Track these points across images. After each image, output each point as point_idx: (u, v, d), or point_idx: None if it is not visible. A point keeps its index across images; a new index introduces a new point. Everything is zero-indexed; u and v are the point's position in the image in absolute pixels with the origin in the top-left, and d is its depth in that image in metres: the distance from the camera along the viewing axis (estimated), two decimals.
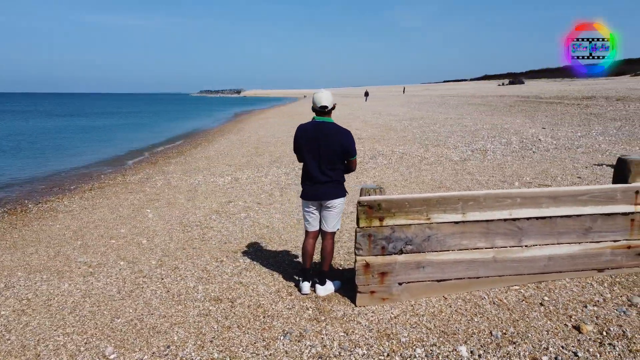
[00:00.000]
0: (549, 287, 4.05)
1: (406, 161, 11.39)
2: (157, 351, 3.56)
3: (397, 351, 3.27)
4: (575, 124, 17.32)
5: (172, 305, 4.34)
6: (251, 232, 6.47)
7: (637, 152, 10.84)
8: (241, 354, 3.43)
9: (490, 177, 8.92)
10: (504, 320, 3.58)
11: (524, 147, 12.69)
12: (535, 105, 27.03)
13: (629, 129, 14.83)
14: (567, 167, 9.32)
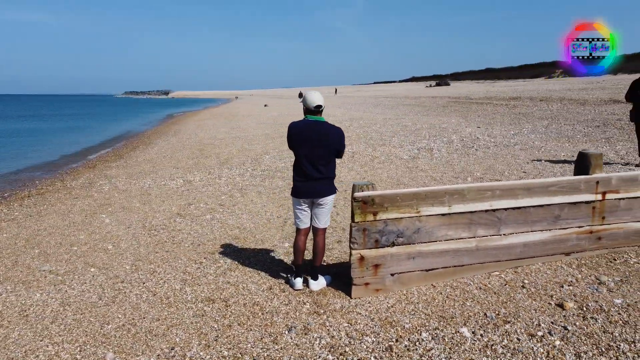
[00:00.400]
0: (525, 271, 4.45)
1: (358, 160, 11.74)
2: (162, 353, 3.55)
3: (404, 336, 3.48)
4: (507, 123, 18.54)
5: (163, 308, 4.30)
6: (223, 233, 6.46)
7: (567, 147, 11.87)
8: (251, 350, 3.50)
9: (442, 173, 9.43)
10: (494, 302, 3.91)
11: (465, 145, 13.45)
12: (467, 105, 28.58)
13: (556, 127, 16.14)
14: (511, 163, 10.06)
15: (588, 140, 12.84)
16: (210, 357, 3.45)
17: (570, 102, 22.80)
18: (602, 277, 4.20)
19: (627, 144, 11.62)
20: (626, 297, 3.83)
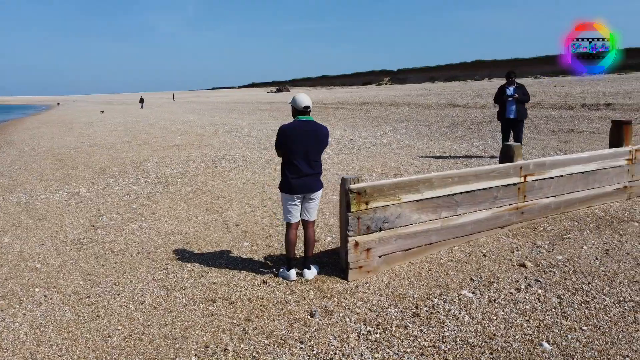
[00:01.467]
0: (477, 244, 5.41)
1: (255, 164, 12.04)
2: (199, 352, 3.61)
3: (420, 304, 4.09)
4: (369, 126, 20.43)
5: (163, 314, 4.25)
6: (167, 240, 6.34)
7: (434, 145, 13.74)
8: (290, 335, 3.75)
9: (345, 171, 10.29)
10: (470, 270, 4.75)
11: (345, 146, 14.60)
12: (323, 110, 30.45)
13: (414, 128, 18.36)
14: (400, 160, 11.37)
15: (447, 139, 14.96)
16: (253, 347, 3.63)
17: (416, 106, 25.92)
18: (537, 241, 5.36)
19: (481, 140, 13.91)
20: (563, 254, 5.00)
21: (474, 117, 19.67)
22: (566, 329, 3.56)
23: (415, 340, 3.56)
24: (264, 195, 8.58)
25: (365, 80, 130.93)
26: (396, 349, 3.46)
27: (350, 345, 3.54)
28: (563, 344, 3.37)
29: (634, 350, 3.26)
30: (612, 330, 3.54)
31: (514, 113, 10.24)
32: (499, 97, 10.48)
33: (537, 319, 3.73)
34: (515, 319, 3.76)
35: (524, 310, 3.88)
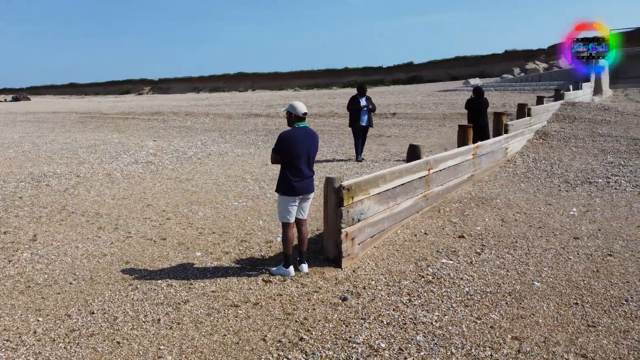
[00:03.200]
0: (409, 226, 6.56)
1: (112, 179, 11.00)
2: (279, 348, 3.80)
3: (422, 272, 4.99)
4: (178, 136, 20.04)
5: (200, 326, 4.18)
6: (95, 264, 5.75)
7: (264, 152, 14.62)
8: (346, 317, 4.21)
9: (227, 176, 10.36)
10: (427, 245, 5.84)
11: (180, 157, 14.31)
12: (108, 120, 28.20)
13: (230, 136, 18.89)
14: (261, 166, 11.91)
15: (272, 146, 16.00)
16: (327, 331, 3.98)
17: (216, 116, 26.34)
18: (451, 219, 6.79)
19: None
20: (477, 225, 6.51)
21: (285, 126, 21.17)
22: (535, 271, 4.95)
23: (444, 296, 4.44)
24: (151, 208, 8.18)
25: (123, 89, 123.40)
26: (439, 303, 4.29)
27: (403, 310, 4.21)
28: (544, 281, 4.72)
29: (564, 266, 4.80)
30: (559, 262, 5.05)
31: (367, 121, 11.89)
32: (353, 106, 11.92)
33: (513, 269, 5.03)
34: (498, 271, 4.99)
35: (498, 265, 5.16)
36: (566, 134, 13.24)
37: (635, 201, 7.51)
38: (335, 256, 5.39)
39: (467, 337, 3.80)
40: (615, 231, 6.12)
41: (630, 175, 9.14)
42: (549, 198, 7.87)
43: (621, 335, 3.77)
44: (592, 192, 8.17)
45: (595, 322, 3.98)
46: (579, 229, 6.25)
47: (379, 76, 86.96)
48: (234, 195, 8.82)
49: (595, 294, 4.46)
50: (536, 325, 3.95)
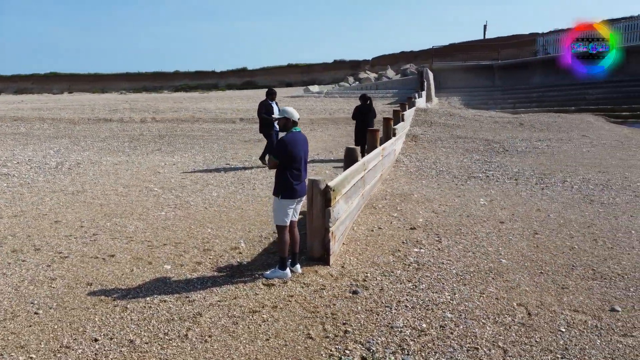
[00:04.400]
0: (360, 223, 7.03)
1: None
2: (329, 341, 3.98)
3: (406, 263, 5.48)
4: (19, 144, 17.65)
5: (235, 335, 4.11)
6: (74, 289, 5.11)
7: (143, 158, 13.81)
8: (370, 307, 4.52)
9: (122, 186, 9.56)
10: (389, 238, 6.37)
11: (41, 166, 12.69)
12: None
13: (87, 144, 17.22)
14: (179, 173, 11.20)
15: (151, 152, 15.08)
16: (363, 323, 4.25)
17: (58, 122, 23.54)
18: (391, 214, 7.45)
19: (195, 151, 14.81)
20: (417, 218, 7.25)
21: (153, 132, 19.84)
22: (494, 252, 5.83)
23: (441, 279, 5.03)
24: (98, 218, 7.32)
25: None
26: (441, 285, 4.85)
27: (416, 295, 4.68)
28: (507, 258, 5.60)
29: (512, 246, 5.80)
30: (505, 242, 6.00)
31: None
32: (267, 112, 11.77)
33: (477, 251, 5.84)
34: (467, 254, 5.74)
35: (462, 249, 5.92)
36: (431, 137, 15.14)
37: (521, 190, 9.11)
38: (321, 254, 5.61)
39: (485, 309, 4.42)
40: (526, 215, 7.43)
41: (501, 170, 10.97)
42: (454, 191, 9.08)
43: (589, 292, 4.76)
44: (482, 185, 9.64)
45: (564, 285, 4.94)
46: (498, 215, 7.43)
47: (212, 80, 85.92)
48: (153, 206, 8.30)
49: (549, 264, 5.48)
50: (527, 293, 4.75)
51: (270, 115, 11.46)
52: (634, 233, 6.45)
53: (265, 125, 11.69)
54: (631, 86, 23.82)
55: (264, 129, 11.82)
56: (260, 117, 11.82)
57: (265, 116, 11.50)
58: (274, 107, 11.68)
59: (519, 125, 17.53)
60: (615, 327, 4.10)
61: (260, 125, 11.98)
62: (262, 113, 11.65)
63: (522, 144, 13.99)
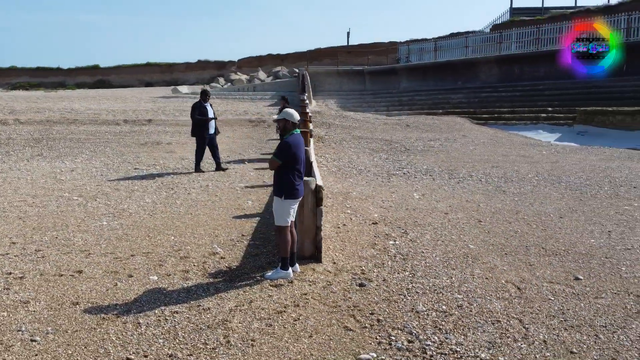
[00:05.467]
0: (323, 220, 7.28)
1: None
2: (370, 331, 4.25)
3: (390, 255, 5.88)
4: None
5: (277, 335, 4.16)
6: (61, 310, 4.59)
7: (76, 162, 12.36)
8: (387, 297, 4.85)
9: (32, 196, 8.53)
10: (358, 233, 6.71)
11: None
12: None
13: None
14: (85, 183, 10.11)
15: (56, 158, 13.48)
16: (389, 311, 4.57)
17: None
18: (345, 211, 7.79)
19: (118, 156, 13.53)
20: (371, 213, 7.69)
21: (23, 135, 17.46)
22: (457, 239, 6.50)
23: (432, 266, 5.53)
24: None
25: None
26: (436, 271, 5.36)
27: (420, 282, 5.12)
28: (472, 244, 6.29)
29: (467, 233, 6.58)
30: (460, 231, 6.73)
31: (214, 129, 11.49)
32: (200, 114, 11.13)
33: (444, 240, 6.44)
34: (437, 243, 6.32)
35: (430, 239, 6.48)
36: (336, 138, 15.84)
37: (441, 185, 10.09)
38: (312, 253, 5.77)
39: (483, 289, 5.00)
40: (460, 206, 8.32)
41: (412, 167, 11.97)
42: (385, 188, 9.74)
43: (551, 267, 5.62)
44: (405, 181, 10.47)
45: (530, 262, 5.76)
46: (437, 207, 8.21)
47: (58, 78, 77.98)
48: (85, 216, 7.61)
49: (506, 246, 6.31)
50: (506, 272, 5.46)
51: (205, 117, 11.15)
52: (553, 217, 7.66)
53: (199, 128, 11.26)
54: (485, 92, 27.34)
55: (197, 132, 11.34)
56: (193, 119, 11.33)
57: (199, 117, 11.12)
58: (208, 108, 11.34)
59: (406, 127, 19.13)
60: (587, 292, 4.96)
61: (193, 128, 11.48)
62: (195, 114, 11.21)
63: (419, 144, 15.37)
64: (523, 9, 41.84)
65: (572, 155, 14.19)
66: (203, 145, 11.30)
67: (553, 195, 9.10)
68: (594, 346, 3.96)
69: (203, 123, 11.13)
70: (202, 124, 11.13)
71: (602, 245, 6.30)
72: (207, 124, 11.20)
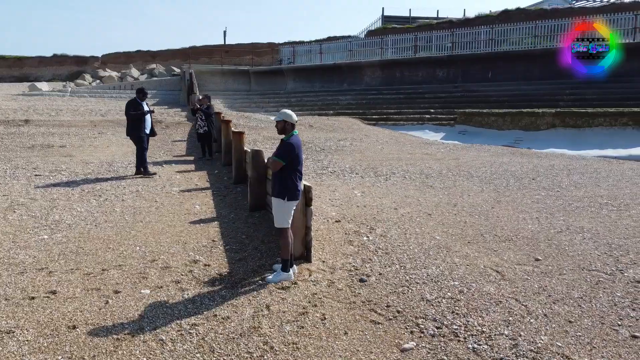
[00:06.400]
0: None
1: None
2: (398, 321, 4.49)
3: (372, 250, 6.15)
4: None
5: (316, 335, 4.22)
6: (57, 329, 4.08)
7: None
8: (402, 292, 5.11)
9: None
10: (329, 231, 6.84)
11: None
12: None
13: None
14: None
15: None
16: (405, 300, 4.84)
17: None
18: None
19: None
20: (330, 212, 7.86)
21: None
22: (421, 232, 6.97)
23: (417, 257, 5.90)
24: None
25: None
26: (421, 260, 5.74)
27: (416, 271, 5.46)
28: (437, 234, 6.79)
29: (426, 225, 7.15)
30: (418, 224, 7.22)
31: (151, 128, 10.89)
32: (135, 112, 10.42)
33: (411, 232, 6.84)
34: (405, 236, 6.70)
35: (399, 232, 6.84)
36: (248, 139, 15.60)
37: (374, 182, 10.56)
38: (302, 253, 5.81)
39: (471, 275, 5.47)
40: (404, 201, 8.84)
41: (336, 166, 12.34)
42: (325, 187, 9.93)
43: (510, 251, 6.31)
44: (338, 180, 10.78)
45: (492, 248, 6.40)
46: (384, 203, 8.63)
47: None
48: (16, 230, 6.76)
49: (465, 235, 6.92)
50: (479, 258, 6.02)
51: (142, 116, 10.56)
52: (485, 207, 8.54)
53: (135, 127, 10.52)
54: (370, 94, 28.94)
55: (134, 132, 10.58)
56: (128, 117, 10.58)
57: (134, 112, 10.46)
58: (144, 107, 10.71)
59: (310, 127, 19.56)
60: (551, 271, 5.70)
61: (129, 127, 10.68)
62: (131, 112, 10.45)
63: (330, 143, 15.84)
64: (393, 17, 44.98)
65: (465, 152, 15.77)
66: (143, 144, 10.69)
67: (474, 188, 10.12)
68: (583, 315, 4.62)
69: (140, 118, 10.56)
70: (139, 122, 10.58)
71: (539, 230, 7.22)
72: (144, 123, 10.61)
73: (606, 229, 7.29)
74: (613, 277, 5.48)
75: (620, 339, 4.20)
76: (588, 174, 11.93)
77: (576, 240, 6.76)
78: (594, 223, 7.58)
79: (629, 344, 4.13)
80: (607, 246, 6.51)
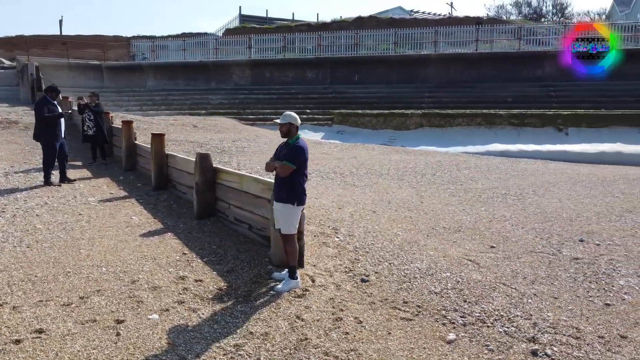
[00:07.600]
0: None
1: None
2: (421, 317, 4.74)
3: (354, 248, 6.29)
4: None
5: (358, 337, 4.26)
6: None
7: None
8: (407, 288, 5.32)
9: None
10: None
11: None
12: None
13: None
14: None
15: None
16: (418, 296, 5.09)
17: None
18: None
19: None
20: None
21: None
22: (386, 229, 7.27)
23: (391, 253, 6.19)
24: None
25: None
26: (412, 254, 6.06)
27: (414, 267, 5.74)
28: (400, 231, 7.14)
29: (400, 224, 7.54)
30: (392, 221, 7.53)
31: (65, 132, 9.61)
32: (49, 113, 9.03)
33: (380, 231, 7.10)
34: (377, 235, 6.93)
35: (367, 231, 7.04)
36: (139, 140, 14.37)
37: (330, 183, 10.61)
38: None
39: (455, 265, 5.90)
40: (344, 200, 8.99)
41: (249, 168, 12.12)
42: None
43: (467, 241, 6.94)
44: None
45: (452, 239, 6.96)
46: (327, 204, 8.69)
47: None
48: None
49: (421, 230, 7.38)
50: (448, 249, 6.50)
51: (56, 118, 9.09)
52: (415, 202, 9.19)
53: (46, 131, 9.02)
54: (241, 94, 28.59)
55: (44, 136, 9.08)
56: (41, 119, 9.09)
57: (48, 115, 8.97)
58: (57, 108, 9.21)
59: (195, 127, 18.68)
60: (511, 256, 6.42)
61: (39, 130, 9.10)
62: (44, 112, 8.86)
63: (228, 144, 15.33)
64: (251, 17, 44.97)
65: (356, 151, 16.60)
66: (53, 151, 9.26)
67: (392, 185, 10.80)
68: (560, 291, 5.36)
69: (54, 122, 9.12)
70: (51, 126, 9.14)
71: (475, 220, 8.05)
72: (57, 127, 9.17)
73: (522, 216, 8.41)
74: (558, 257, 6.40)
75: (600, 307, 4.98)
76: (472, 168, 13.50)
77: (508, 227, 7.70)
78: (510, 211, 8.68)
79: (608, 310, 4.91)
80: (533, 231, 7.53)
